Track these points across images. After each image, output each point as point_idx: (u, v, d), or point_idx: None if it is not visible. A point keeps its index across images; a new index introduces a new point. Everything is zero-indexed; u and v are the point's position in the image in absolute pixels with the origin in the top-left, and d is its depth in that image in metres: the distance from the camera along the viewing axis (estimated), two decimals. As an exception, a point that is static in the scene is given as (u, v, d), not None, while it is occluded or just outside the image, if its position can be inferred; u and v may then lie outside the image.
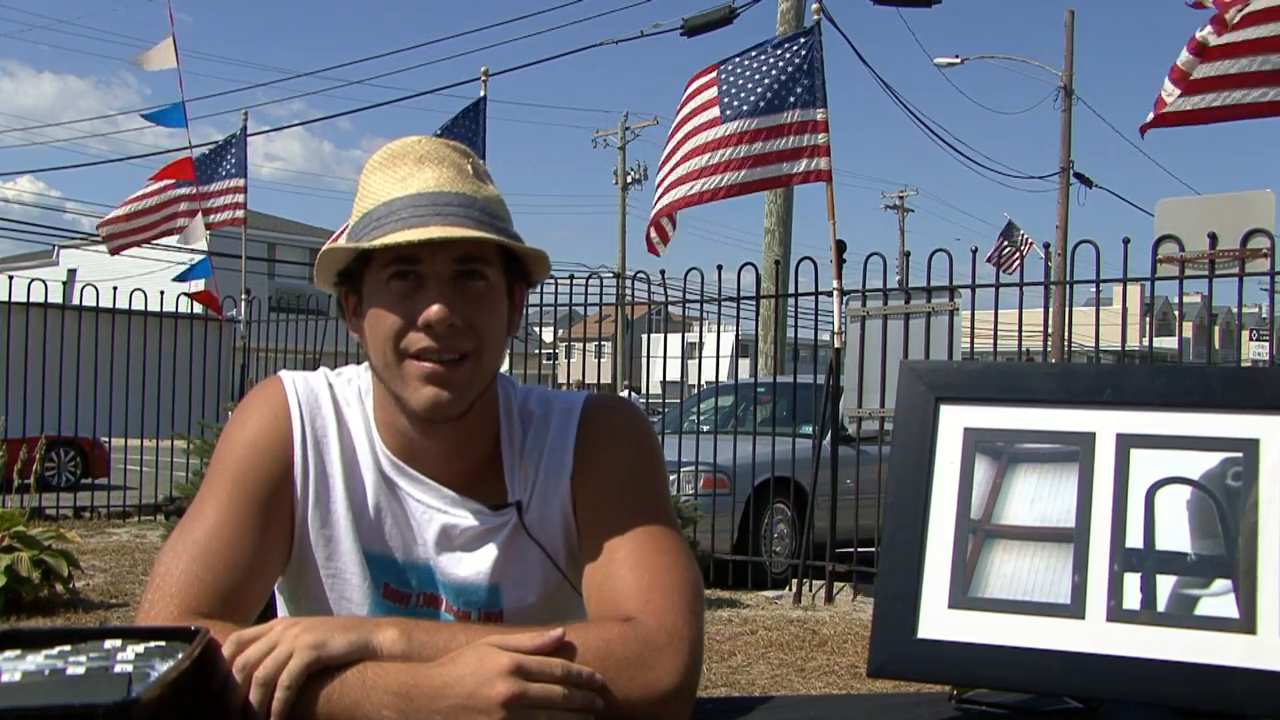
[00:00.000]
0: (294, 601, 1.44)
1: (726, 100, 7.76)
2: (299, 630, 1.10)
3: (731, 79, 7.78)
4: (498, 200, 1.34)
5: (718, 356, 10.10)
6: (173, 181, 11.11)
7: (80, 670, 0.97)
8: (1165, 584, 1.10)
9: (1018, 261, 15.19)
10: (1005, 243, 16.76)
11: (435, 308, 1.27)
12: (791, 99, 7.67)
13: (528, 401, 1.45)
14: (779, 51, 7.81)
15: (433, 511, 1.38)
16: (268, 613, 1.39)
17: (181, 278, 11.46)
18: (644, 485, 1.37)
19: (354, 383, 1.44)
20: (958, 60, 25.99)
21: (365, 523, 1.38)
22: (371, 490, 1.39)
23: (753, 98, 7.70)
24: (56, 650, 1.00)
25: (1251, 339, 17.14)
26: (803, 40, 7.88)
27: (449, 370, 1.30)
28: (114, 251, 11.25)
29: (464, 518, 1.38)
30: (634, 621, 1.21)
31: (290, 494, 1.36)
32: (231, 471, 1.35)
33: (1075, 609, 1.11)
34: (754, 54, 7.82)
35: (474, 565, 1.38)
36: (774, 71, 7.73)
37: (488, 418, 1.41)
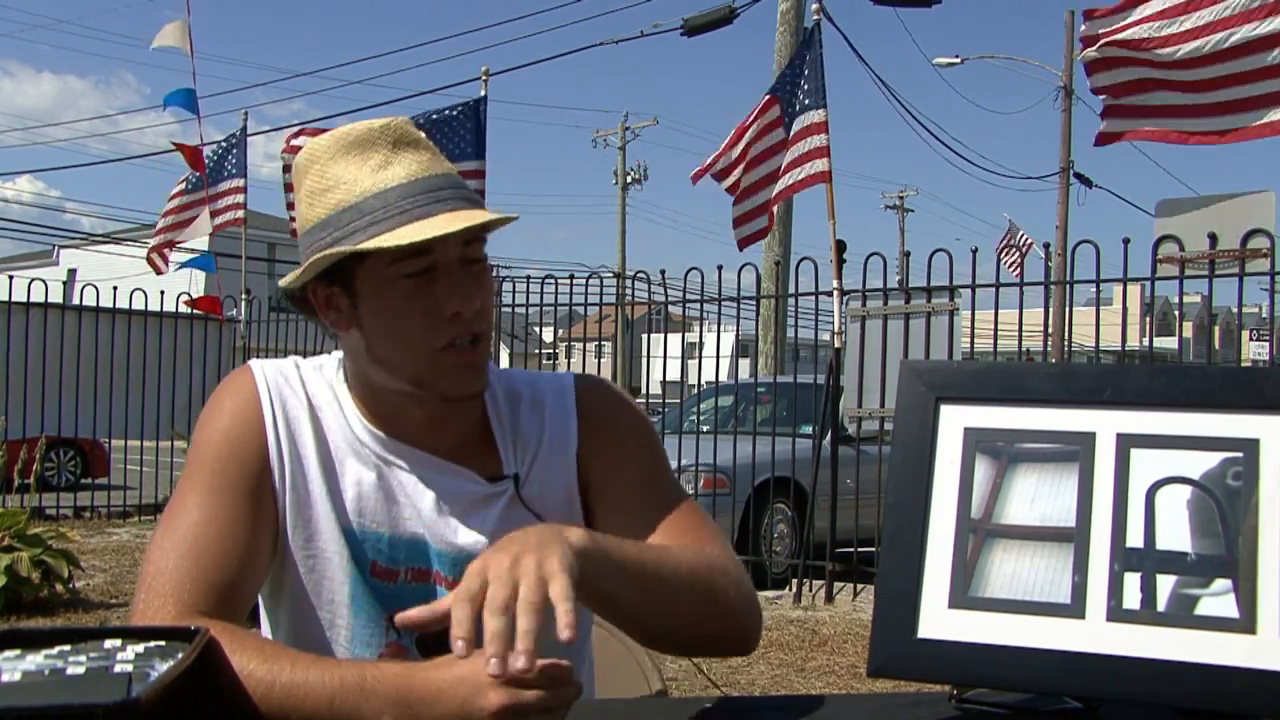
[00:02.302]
0: (274, 588, 1.41)
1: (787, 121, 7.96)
2: (536, 555, 1.02)
3: (785, 103, 7.98)
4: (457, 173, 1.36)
5: (718, 356, 10.09)
6: (184, 182, 11.23)
7: (80, 670, 0.97)
8: (1165, 584, 1.10)
9: (1018, 260, 15.18)
10: (1007, 242, 16.78)
11: (463, 297, 1.29)
12: (797, 106, 7.72)
13: (512, 382, 1.46)
14: (799, 67, 7.92)
15: (427, 481, 1.37)
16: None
17: (187, 264, 11.52)
18: (653, 451, 1.45)
19: (324, 368, 1.43)
20: (957, 60, 26.00)
21: (345, 502, 1.36)
22: (351, 468, 1.37)
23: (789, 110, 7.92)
24: (56, 650, 1.00)
25: (1251, 339, 17.13)
26: (803, 43, 7.92)
27: (474, 354, 1.32)
28: (159, 270, 11.50)
29: (459, 485, 1.38)
30: (723, 554, 1.33)
31: (270, 480, 1.34)
32: (209, 464, 1.33)
33: (1075, 609, 1.11)
34: (787, 73, 7.99)
35: (472, 533, 1.37)
36: (791, 82, 7.83)
37: None
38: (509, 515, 1.37)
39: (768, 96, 8.07)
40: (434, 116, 9.59)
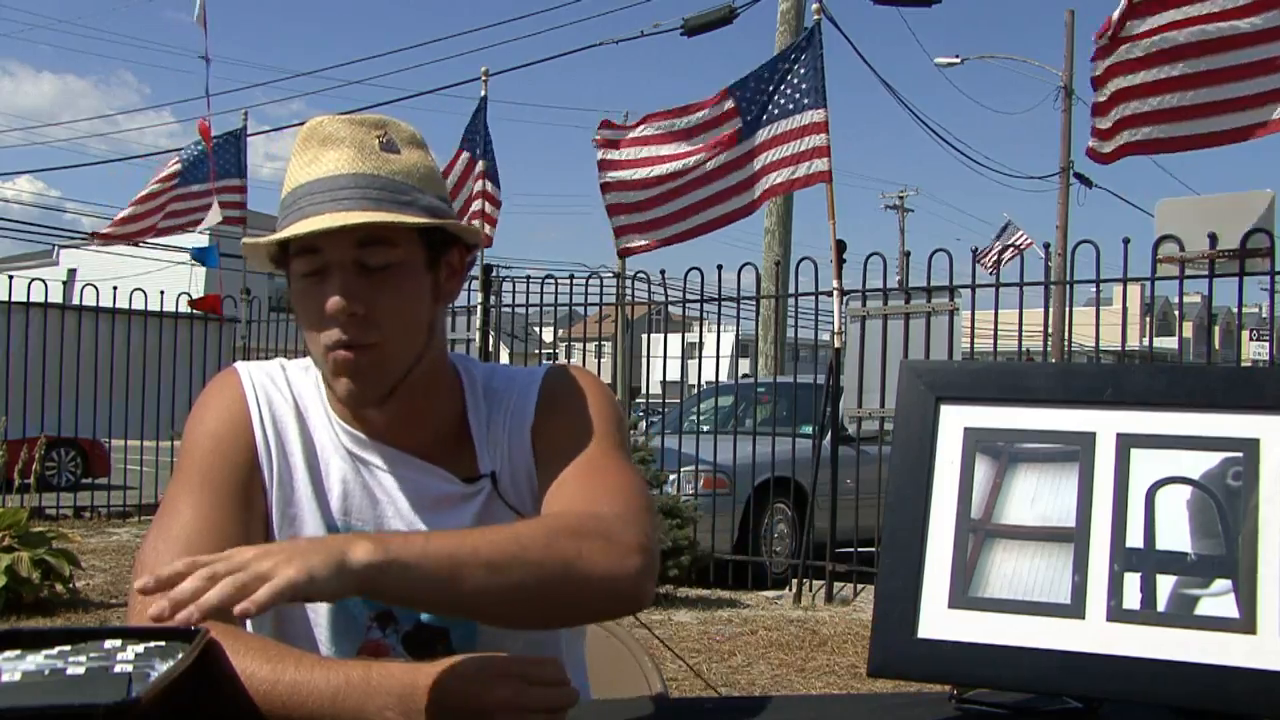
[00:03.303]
0: None
1: (747, 120, 7.88)
2: (276, 559, 1.00)
3: (747, 103, 7.88)
4: (409, 169, 1.31)
5: (718, 356, 10.10)
6: (176, 179, 11.17)
7: (80, 670, 0.96)
8: (1165, 584, 1.10)
9: (1013, 256, 15.17)
10: (997, 244, 16.77)
11: (332, 300, 1.27)
12: (791, 105, 7.71)
13: (492, 379, 1.45)
14: (783, 64, 7.88)
15: (403, 480, 1.37)
16: None
17: (192, 254, 11.51)
18: (595, 421, 1.38)
19: (310, 369, 1.44)
20: (958, 60, 26.01)
21: (332, 501, 1.37)
22: (336, 467, 1.38)
23: (760, 114, 7.81)
24: (56, 650, 1.00)
25: (1251, 339, 17.13)
26: (803, 43, 7.91)
27: (357, 357, 1.29)
28: (119, 239, 11.31)
29: (435, 486, 1.38)
30: (590, 510, 1.25)
31: (260, 478, 1.35)
32: (199, 465, 1.34)
33: (1075, 609, 1.11)
34: (765, 74, 7.91)
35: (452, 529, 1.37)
36: (777, 82, 7.80)
37: (441, 390, 1.41)
38: (487, 511, 1.38)
39: (730, 105, 7.97)
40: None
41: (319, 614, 1.38)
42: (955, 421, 1.21)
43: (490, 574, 1.10)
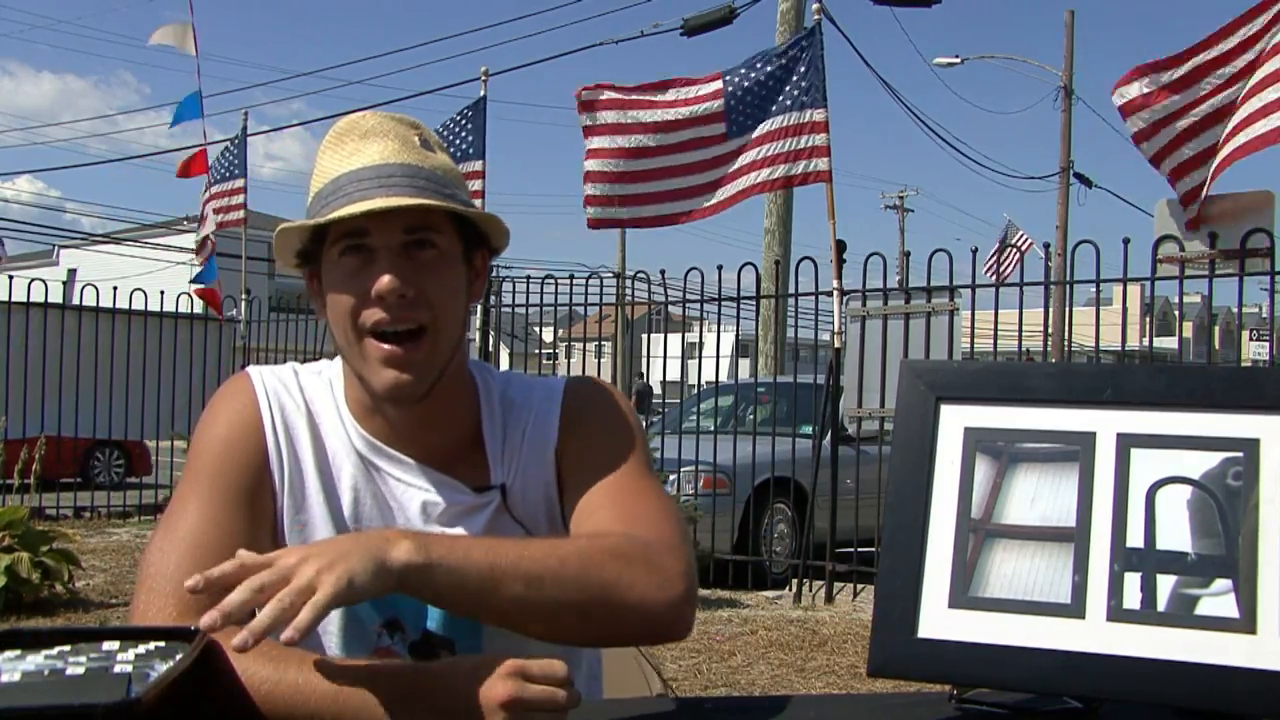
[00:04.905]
0: None
1: (733, 117, 7.84)
2: (318, 565, 1.03)
3: (739, 93, 7.84)
4: (446, 168, 1.34)
5: (718, 356, 10.09)
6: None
7: (80, 670, 0.96)
8: (1165, 584, 1.09)
9: (1015, 262, 15.16)
10: (1001, 247, 16.73)
11: (385, 278, 1.27)
12: (789, 102, 7.71)
13: (508, 388, 1.45)
14: (780, 60, 7.86)
15: (412, 489, 1.37)
16: None
17: (197, 279, 11.60)
18: (625, 442, 1.39)
19: (324, 373, 1.44)
20: (957, 60, 26.01)
21: (342, 506, 1.37)
22: (348, 473, 1.38)
23: (755, 109, 7.77)
24: (56, 650, 1.00)
25: (1251, 339, 17.13)
26: (803, 42, 7.91)
27: (408, 351, 1.30)
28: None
29: (445, 495, 1.38)
30: (631, 533, 1.26)
31: (270, 483, 1.35)
32: (208, 469, 1.34)
33: (1075, 608, 1.11)
34: (759, 65, 7.87)
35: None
36: (775, 79, 7.78)
37: (460, 395, 1.40)
38: (495, 524, 1.38)
39: (717, 86, 7.96)
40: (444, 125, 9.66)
41: (329, 620, 1.37)
42: (955, 421, 1.21)
43: (528, 587, 1.14)
